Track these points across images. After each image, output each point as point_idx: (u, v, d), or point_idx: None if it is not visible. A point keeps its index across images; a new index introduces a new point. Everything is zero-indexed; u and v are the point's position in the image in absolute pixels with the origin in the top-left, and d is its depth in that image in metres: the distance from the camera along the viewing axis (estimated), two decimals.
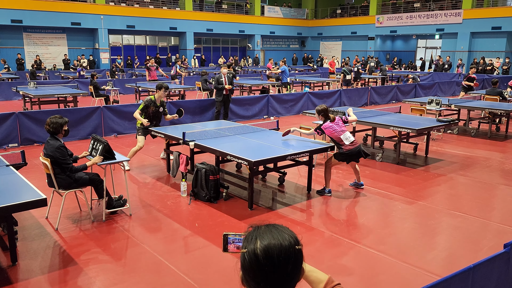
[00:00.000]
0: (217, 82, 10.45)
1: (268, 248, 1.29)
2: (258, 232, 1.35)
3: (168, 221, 5.10)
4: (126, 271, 3.97)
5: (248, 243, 1.34)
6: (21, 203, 3.74)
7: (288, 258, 1.30)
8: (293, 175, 6.97)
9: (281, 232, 1.35)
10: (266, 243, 1.30)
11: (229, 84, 10.51)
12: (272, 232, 1.34)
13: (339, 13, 33.14)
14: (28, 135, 8.84)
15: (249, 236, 1.36)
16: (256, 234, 1.34)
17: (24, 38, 23.43)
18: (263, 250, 1.29)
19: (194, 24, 27.87)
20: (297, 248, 1.34)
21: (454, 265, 4.07)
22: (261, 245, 1.30)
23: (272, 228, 1.37)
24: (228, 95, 10.71)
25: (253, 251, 1.30)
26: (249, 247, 1.32)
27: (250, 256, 1.31)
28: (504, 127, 10.78)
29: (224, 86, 10.36)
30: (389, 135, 8.36)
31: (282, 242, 1.31)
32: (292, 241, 1.33)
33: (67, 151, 4.84)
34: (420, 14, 27.03)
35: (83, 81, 17.36)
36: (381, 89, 16.34)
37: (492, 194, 6.22)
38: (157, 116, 7.20)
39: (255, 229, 1.37)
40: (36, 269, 3.97)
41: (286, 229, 1.38)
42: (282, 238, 1.32)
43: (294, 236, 1.36)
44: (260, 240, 1.32)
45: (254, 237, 1.33)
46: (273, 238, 1.32)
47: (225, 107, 10.91)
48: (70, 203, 5.48)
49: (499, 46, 24.21)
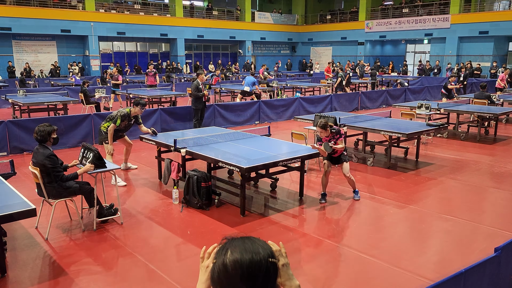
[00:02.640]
0: (196, 90, 10.32)
1: (237, 260, 1.23)
2: (231, 244, 1.29)
3: (160, 229, 5.06)
4: (118, 281, 3.93)
5: (219, 255, 1.27)
6: (9, 213, 3.70)
7: (259, 270, 1.23)
8: (285, 181, 6.98)
9: (254, 243, 1.28)
10: (237, 254, 1.24)
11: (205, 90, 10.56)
12: (245, 243, 1.28)
13: (329, 19, 33.38)
14: (18, 144, 8.74)
15: (221, 248, 1.29)
16: (228, 246, 1.28)
17: (14, 45, 23.24)
18: (233, 262, 1.23)
19: (185, 31, 27.88)
20: (271, 261, 1.27)
21: (445, 269, 4.09)
22: (231, 256, 1.24)
23: (246, 240, 1.30)
24: (204, 102, 10.69)
25: (222, 262, 1.25)
26: (219, 258, 1.26)
27: (219, 267, 1.25)
28: (493, 131, 10.91)
29: (204, 93, 10.34)
30: (380, 139, 8.42)
31: (254, 255, 1.24)
32: (265, 254, 1.26)
33: (58, 160, 4.79)
34: (409, 19, 27.33)
35: (73, 89, 17.25)
36: (371, 94, 16.46)
37: (482, 197, 6.28)
38: (126, 128, 7.12)
39: (228, 241, 1.31)
40: (26, 280, 3.91)
41: (262, 242, 1.31)
42: (254, 251, 1.25)
43: (268, 249, 1.29)
44: (231, 252, 1.25)
45: (226, 249, 1.27)
46: (245, 250, 1.25)
47: (201, 115, 10.82)
48: (60, 213, 5.42)
49: (487, 50, 24.56)
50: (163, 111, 10.88)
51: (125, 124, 7.00)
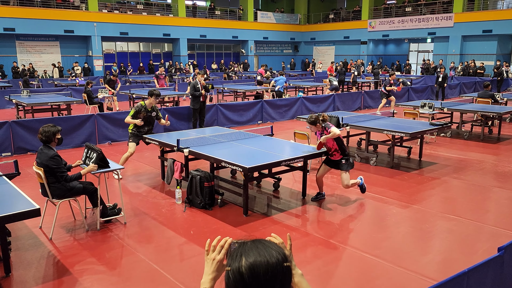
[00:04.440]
0: (193, 89, 10.31)
1: (253, 266, 1.21)
2: (244, 248, 1.27)
3: (163, 229, 5.08)
4: (121, 280, 3.94)
5: (233, 260, 1.25)
6: (14, 213, 3.72)
7: (275, 276, 1.22)
8: (288, 180, 6.98)
9: (268, 248, 1.26)
10: (252, 260, 1.22)
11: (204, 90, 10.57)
12: (258, 248, 1.26)
13: (331, 18, 33.34)
14: (22, 144, 8.78)
15: (234, 253, 1.27)
16: (241, 251, 1.26)
17: (17, 46, 23.34)
18: (249, 268, 1.21)
19: (188, 31, 27.91)
20: (285, 266, 1.26)
21: (449, 269, 4.08)
22: (246, 262, 1.22)
23: (258, 244, 1.28)
24: (203, 102, 10.70)
25: (237, 269, 1.22)
26: (233, 265, 1.24)
27: (235, 274, 1.23)
28: (497, 130, 10.86)
29: (201, 93, 10.35)
30: (383, 139, 8.40)
31: (269, 259, 1.23)
32: (279, 258, 1.25)
33: (62, 160, 4.82)
34: (412, 18, 27.26)
35: (76, 89, 17.31)
36: (374, 93, 16.43)
37: (486, 196, 6.26)
38: (149, 121, 7.12)
39: (240, 245, 1.29)
40: (30, 280, 3.93)
41: (274, 244, 1.30)
42: (269, 255, 1.24)
43: (282, 253, 1.28)
44: (246, 258, 1.23)
45: (239, 254, 1.25)
46: (259, 255, 1.23)
47: (202, 115, 10.82)
48: (64, 212, 5.45)
49: (490, 49, 24.47)
50: (166, 111, 10.90)
51: (144, 116, 6.98)
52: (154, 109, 7.14)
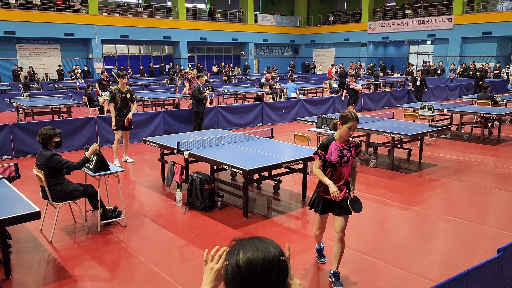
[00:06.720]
0: (198, 92, 10.33)
1: (251, 260, 1.26)
2: (241, 244, 1.31)
3: (163, 231, 5.08)
4: (122, 283, 3.94)
5: (231, 256, 1.30)
6: (14, 216, 3.73)
7: (271, 270, 1.26)
8: (288, 182, 6.98)
9: (265, 243, 1.31)
10: (250, 255, 1.27)
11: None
12: (255, 243, 1.31)
13: (331, 20, 33.40)
14: (22, 147, 8.79)
15: (232, 249, 1.32)
16: (239, 247, 1.31)
17: (18, 49, 23.38)
18: (246, 262, 1.26)
19: (188, 33, 27.96)
20: (282, 259, 1.30)
21: (449, 270, 4.08)
22: (244, 256, 1.27)
23: (256, 240, 1.33)
24: (204, 104, 10.71)
25: (235, 262, 1.27)
26: (231, 259, 1.29)
27: (233, 268, 1.27)
28: (497, 131, 10.87)
29: (206, 96, 10.37)
30: (383, 141, 8.41)
31: (266, 253, 1.27)
32: (276, 252, 1.29)
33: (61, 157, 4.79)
34: (412, 20, 27.31)
35: (77, 92, 17.33)
36: (374, 95, 16.45)
37: (486, 198, 6.26)
38: (126, 103, 7.82)
39: (238, 242, 1.34)
40: (30, 283, 3.93)
41: (270, 241, 1.34)
42: (266, 250, 1.29)
43: (278, 248, 1.32)
44: (244, 252, 1.28)
45: (237, 250, 1.30)
46: (257, 249, 1.28)
47: (201, 117, 10.83)
48: (64, 215, 5.45)
49: (490, 51, 24.49)
50: (166, 113, 10.92)
51: (121, 98, 7.74)
52: (128, 90, 7.87)
